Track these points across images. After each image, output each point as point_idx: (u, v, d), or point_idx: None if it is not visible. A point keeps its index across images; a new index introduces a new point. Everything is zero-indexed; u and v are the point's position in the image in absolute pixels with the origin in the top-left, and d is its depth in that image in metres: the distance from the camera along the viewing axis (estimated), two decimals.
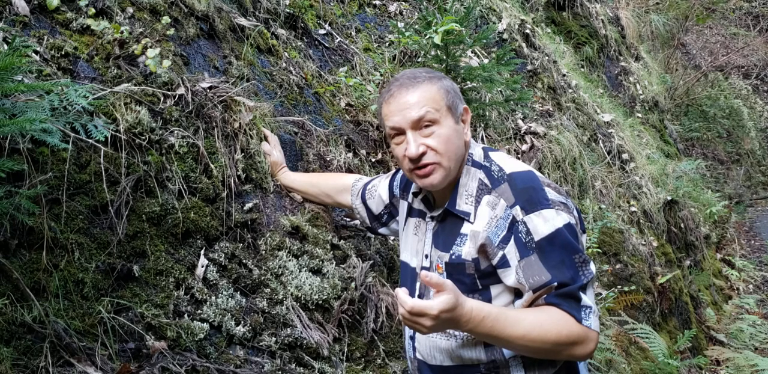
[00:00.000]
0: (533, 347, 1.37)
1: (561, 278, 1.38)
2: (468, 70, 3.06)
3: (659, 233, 5.27)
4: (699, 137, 11.19)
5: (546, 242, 1.40)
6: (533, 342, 1.36)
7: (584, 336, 1.37)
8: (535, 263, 1.40)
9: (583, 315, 1.37)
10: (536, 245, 1.40)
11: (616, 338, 3.61)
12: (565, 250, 1.40)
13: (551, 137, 4.28)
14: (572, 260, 1.40)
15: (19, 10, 1.79)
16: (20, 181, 1.54)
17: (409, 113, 1.49)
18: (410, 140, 1.49)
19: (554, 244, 1.40)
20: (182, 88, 1.97)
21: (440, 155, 1.50)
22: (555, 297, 1.38)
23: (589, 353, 1.39)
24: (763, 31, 14.30)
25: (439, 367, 1.56)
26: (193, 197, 1.91)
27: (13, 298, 1.47)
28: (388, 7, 3.90)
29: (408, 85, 1.52)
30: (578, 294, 1.38)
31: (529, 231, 1.41)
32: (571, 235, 1.42)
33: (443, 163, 1.50)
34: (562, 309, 1.37)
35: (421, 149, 1.48)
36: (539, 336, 1.35)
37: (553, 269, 1.38)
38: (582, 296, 1.38)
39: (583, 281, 1.39)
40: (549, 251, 1.40)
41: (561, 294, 1.38)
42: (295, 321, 1.94)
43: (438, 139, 1.49)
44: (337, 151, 2.54)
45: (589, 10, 7.31)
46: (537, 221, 1.41)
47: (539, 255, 1.40)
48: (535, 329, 1.35)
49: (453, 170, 1.53)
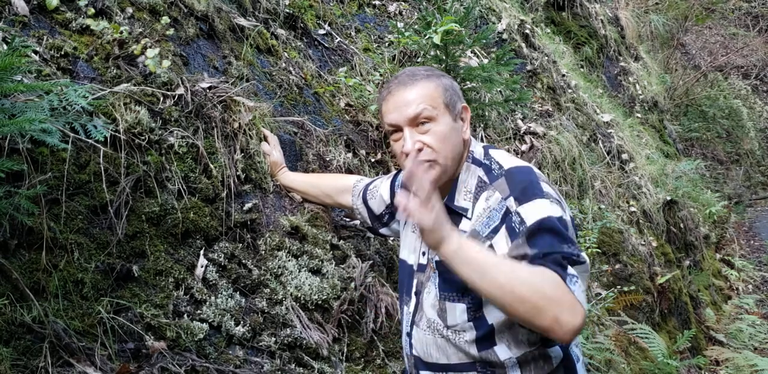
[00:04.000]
0: (514, 287, 1.23)
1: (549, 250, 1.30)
2: (467, 71, 3.06)
3: (659, 234, 5.27)
4: (698, 137, 11.20)
5: (536, 227, 1.34)
6: (518, 282, 1.23)
7: (570, 301, 1.24)
8: (523, 245, 1.33)
9: (569, 279, 1.26)
10: (526, 230, 1.34)
11: (616, 338, 3.61)
12: (556, 237, 1.33)
13: (551, 137, 4.28)
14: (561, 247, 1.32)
15: (18, 10, 1.79)
16: (20, 181, 1.54)
17: (405, 110, 1.50)
18: (407, 136, 1.50)
19: (544, 229, 1.33)
20: (182, 89, 1.97)
21: (436, 153, 1.50)
22: (541, 260, 1.29)
23: (576, 327, 1.23)
24: (762, 31, 14.31)
25: (435, 365, 1.56)
26: (192, 197, 1.91)
27: (12, 298, 1.47)
28: (388, 8, 3.90)
29: (406, 82, 1.53)
30: (564, 263, 1.28)
31: (522, 220, 1.36)
32: (563, 226, 1.36)
33: (439, 160, 1.50)
34: (549, 268, 1.27)
35: (417, 146, 1.49)
36: (525, 278, 1.24)
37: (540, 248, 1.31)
38: (569, 267, 1.29)
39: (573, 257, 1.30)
40: (539, 237, 1.33)
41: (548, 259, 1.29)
42: (294, 321, 1.94)
43: (434, 136, 1.50)
44: (337, 151, 2.54)
45: (588, 11, 7.32)
46: (529, 208, 1.37)
47: (527, 239, 1.33)
48: (520, 269, 1.26)
49: (450, 168, 1.53)
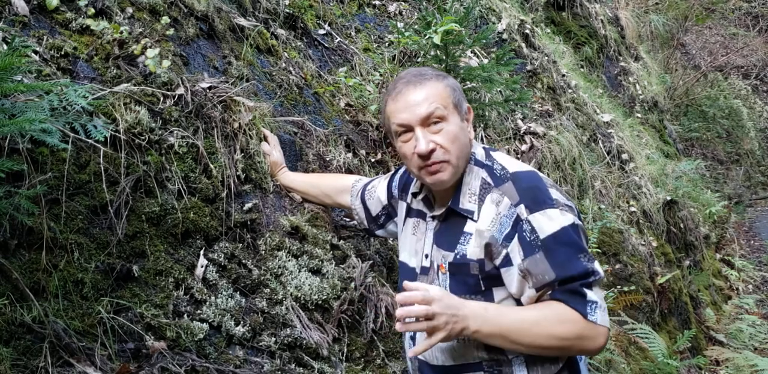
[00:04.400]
0: (541, 342, 1.36)
1: (565, 274, 1.37)
2: (467, 71, 3.06)
3: (659, 234, 5.27)
4: (698, 137, 11.20)
5: (552, 240, 1.39)
6: (541, 337, 1.35)
7: (592, 331, 1.36)
8: (541, 261, 1.39)
9: (588, 310, 1.37)
10: (542, 243, 1.39)
11: (616, 338, 3.61)
12: (570, 248, 1.40)
13: (551, 137, 4.28)
14: (578, 259, 1.39)
15: (18, 10, 1.79)
16: (20, 181, 1.54)
17: (417, 109, 1.49)
18: (419, 136, 1.48)
19: (559, 242, 1.39)
20: (182, 89, 1.97)
21: (449, 153, 1.49)
22: (560, 293, 1.38)
23: (600, 347, 1.39)
24: (762, 31, 14.31)
25: (441, 367, 1.56)
26: (192, 198, 1.91)
27: (12, 298, 1.47)
28: (388, 8, 3.90)
29: (415, 82, 1.51)
30: (582, 290, 1.37)
31: (533, 230, 1.40)
32: (576, 235, 1.41)
33: (452, 160, 1.50)
34: (568, 305, 1.37)
35: (431, 146, 1.48)
36: (546, 329, 1.35)
37: (558, 267, 1.38)
38: (587, 291, 1.38)
39: (589, 279, 1.39)
40: (554, 250, 1.39)
41: (565, 290, 1.38)
42: (294, 321, 1.94)
43: (446, 136, 1.49)
44: (337, 151, 2.54)
45: (588, 11, 7.32)
46: (541, 219, 1.41)
47: (545, 253, 1.39)
48: (540, 321, 1.36)
49: (461, 168, 1.53)
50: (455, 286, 1.52)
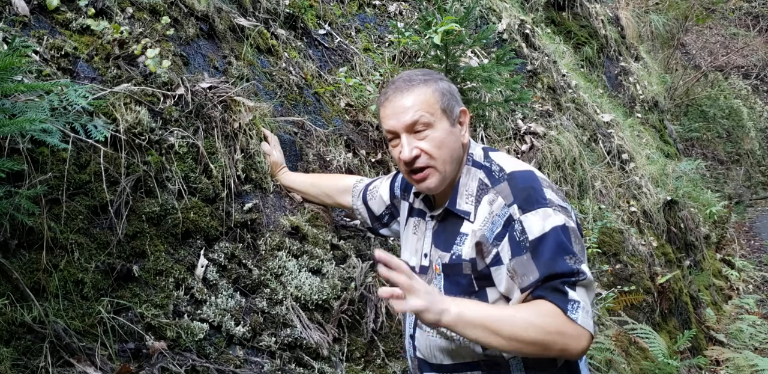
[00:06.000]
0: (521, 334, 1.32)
1: (548, 272, 1.36)
2: (468, 71, 3.06)
3: (659, 234, 5.27)
4: (699, 137, 11.20)
5: (539, 241, 1.38)
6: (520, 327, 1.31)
7: (574, 329, 1.32)
8: (527, 262, 1.38)
9: (569, 307, 1.33)
10: (530, 244, 1.39)
11: (616, 338, 3.61)
12: (558, 249, 1.38)
13: (551, 137, 4.28)
14: (563, 259, 1.37)
15: (18, 10, 1.79)
16: (20, 181, 1.54)
17: (403, 116, 1.51)
18: (404, 143, 1.51)
19: (547, 243, 1.38)
20: (182, 89, 1.97)
21: (434, 159, 1.51)
22: (541, 289, 1.36)
23: (583, 350, 1.34)
24: (762, 31, 14.31)
25: (440, 366, 1.56)
26: (192, 197, 1.91)
27: (12, 298, 1.47)
28: (388, 8, 3.90)
29: (403, 88, 1.53)
30: (564, 288, 1.35)
31: (524, 230, 1.40)
32: (565, 236, 1.40)
33: (437, 166, 1.51)
34: (548, 300, 1.34)
35: (415, 152, 1.50)
36: (526, 319, 1.32)
37: (542, 266, 1.37)
38: (569, 290, 1.35)
39: (572, 279, 1.36)
40: (541, 251, 1.38)
41: (546, 287, 1.36)
42: (294, 321, 1.94)
43: (431, 142, 1.51)
44: (337, 151, 2.54)
45: (588, 11, 7.32)
46: (532, 219, 1.40)
47: (531, 254, 1.38)
48: (521, 311, 1.33)
49: (449, 173, 1.54)
50: (449, 286, 1.52)
